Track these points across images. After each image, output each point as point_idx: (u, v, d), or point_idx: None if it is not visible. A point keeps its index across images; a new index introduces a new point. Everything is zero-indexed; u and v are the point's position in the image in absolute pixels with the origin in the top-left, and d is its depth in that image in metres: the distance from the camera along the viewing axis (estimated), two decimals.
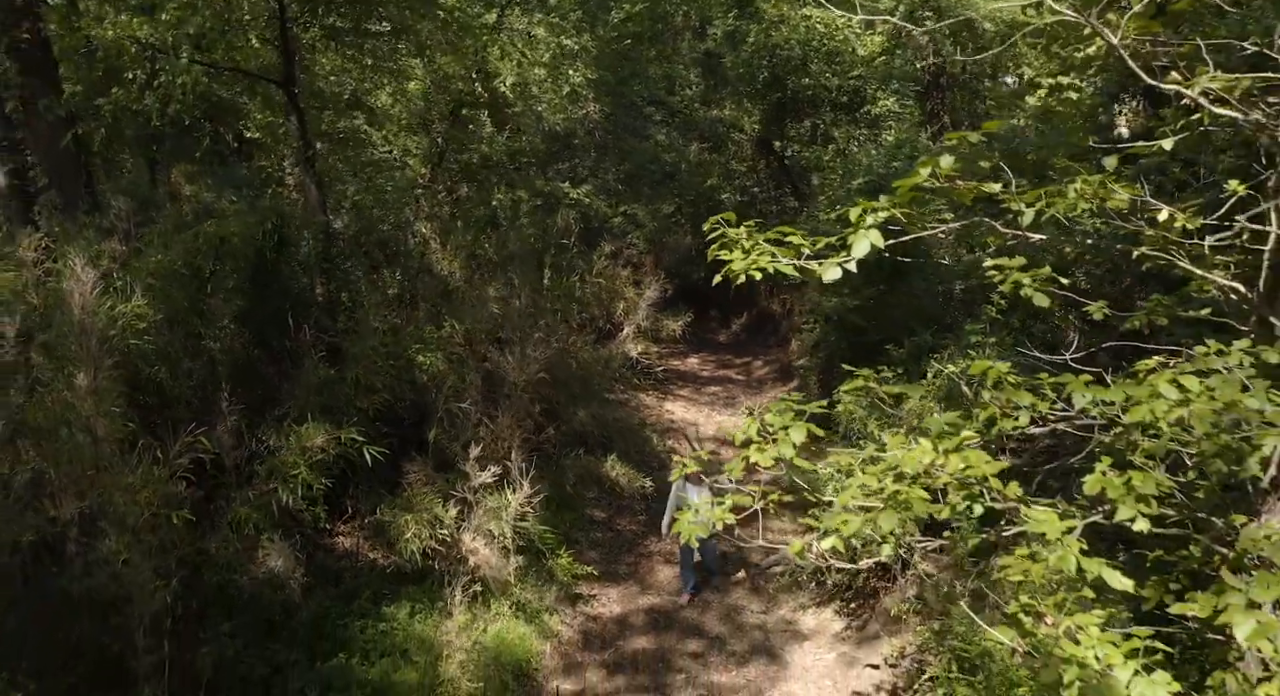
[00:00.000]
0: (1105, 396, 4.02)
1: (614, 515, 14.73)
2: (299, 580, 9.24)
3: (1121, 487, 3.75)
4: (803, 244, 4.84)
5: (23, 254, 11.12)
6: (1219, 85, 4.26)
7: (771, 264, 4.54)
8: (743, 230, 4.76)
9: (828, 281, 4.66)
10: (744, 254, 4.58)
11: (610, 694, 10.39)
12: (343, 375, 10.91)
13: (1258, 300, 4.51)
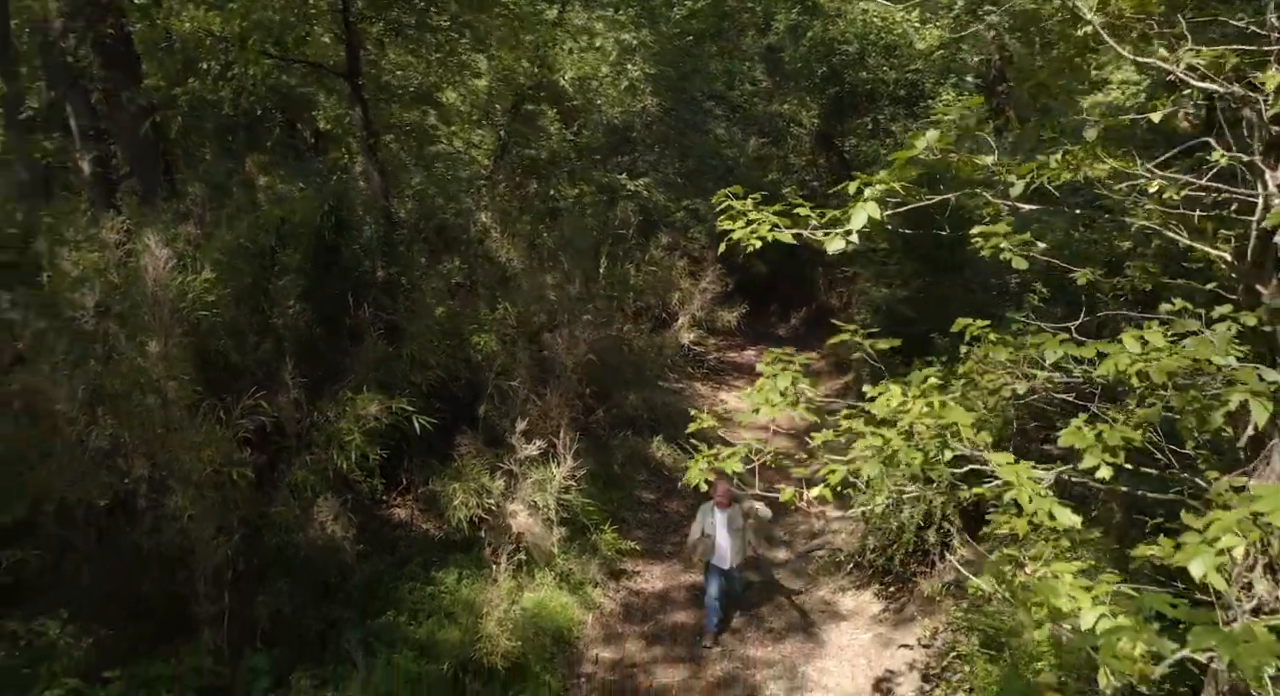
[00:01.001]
0: (1075, 353, 4.26)
1: (662, 497, 15.08)
2: (352, 541, 9.72)
3: (1090, 439, 3.99)
4: (810, 216, 5.13)
5: (105, 236, 11.85)
6: (1204, 60, 4.46)
7: (772, 233, 4.84)
8: (749, 202, 5.07)
9: (832, 252, 4.96)
10: (746, 223, 4.89)
11: (648, 662, 10.75)
12: (399, 352, 11.42)
13: (1245, 268, 4.70)
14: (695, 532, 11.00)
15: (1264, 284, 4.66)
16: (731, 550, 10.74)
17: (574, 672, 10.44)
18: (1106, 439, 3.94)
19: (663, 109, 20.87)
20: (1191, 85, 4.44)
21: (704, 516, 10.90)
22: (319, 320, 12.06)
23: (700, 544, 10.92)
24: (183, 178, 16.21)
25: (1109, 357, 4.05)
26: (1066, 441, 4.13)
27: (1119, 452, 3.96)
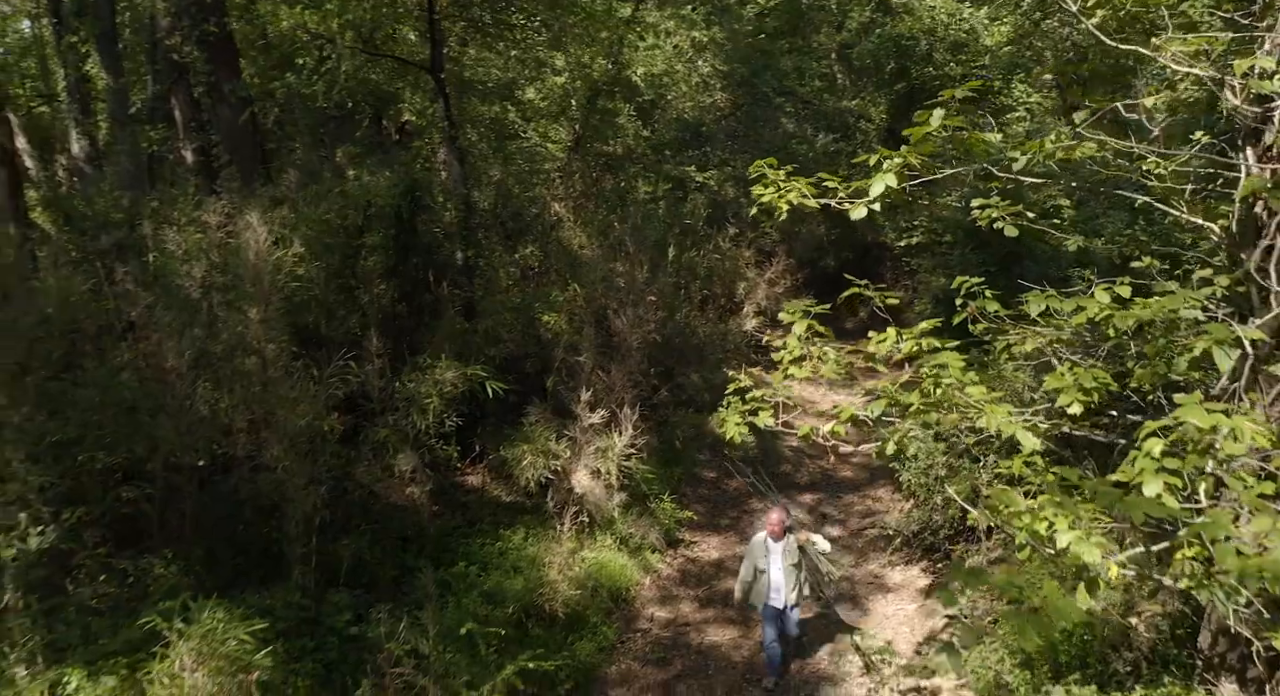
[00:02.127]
0: (1056, 305, 4.80)
1: (722, 476, 15.70)
2: (427, 499, 10.55)
3: (1069, 381, 4.54)
4: (837, 187, 5.75)
5: (207, 218, 12.89)
6: (1190, 48, 4.97)
7: (799, 198, 5.47)
8: (781, 173, 5.70)
9: (855, 220, 5.57)
10: (776, 190, 5.52)
11: (700, 623, 11.40)
12: (475, 327, 12.25)
13: (1227, 238, 5.18)
14: (746, 572, 9.95)
15: (1245, 250, 5.14)
16: (787, 586, 9.72)
17: (630, 627, 11.15)
18: (1081, 380, 4.49)
19: (733, 104, 21.45)
20: (1178, 70, 4.95)
21: (755, 551, 9.86)
22: (400, 298, 12.96)
23: (752, 584, 9.89)
24: (277, 166, 17.31)
25: (1084, 310, 4.59)
26: (1049, 385, 4.68)
27: (1092, 392, 4.50)
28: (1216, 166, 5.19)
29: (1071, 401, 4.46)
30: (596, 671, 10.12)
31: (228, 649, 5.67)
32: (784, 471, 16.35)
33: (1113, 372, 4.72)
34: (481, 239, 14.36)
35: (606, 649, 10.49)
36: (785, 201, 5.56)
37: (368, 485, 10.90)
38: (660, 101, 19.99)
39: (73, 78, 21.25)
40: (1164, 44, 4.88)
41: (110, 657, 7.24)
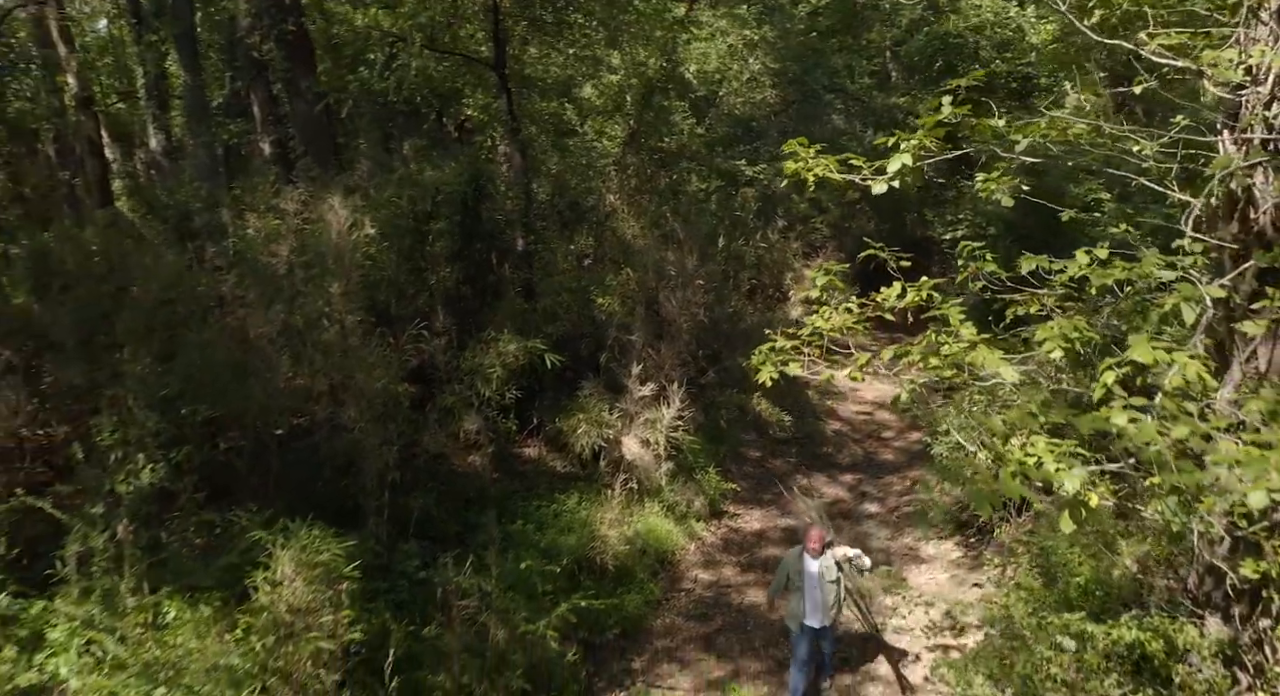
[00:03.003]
0: (1044, 265, 5.47)
1: (766, 455, 16.41)
2: (489, 464, 11.41)
3: (1052, 330, 5.21)
4: (861, 165, 6.47)
5: (285, 205, 13.89)
6: (1174, 42, 5.62)
7: (824, 171, 6.20)
8: (811, 150, 6.44)
9: (876, 194, 6.29)
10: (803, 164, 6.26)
11: (741, 585, 12.13)
12: (534, 307, 13.10)
13: (1209, 212, 5.81)
14: (779, 581, 9.60)
15: (1224, 223, 5.77)
16: (824, 605, 9.29)
17: (674, 587, 11.93)
18: (1063, 329, 5.16)
19: (784, 101, 22.10)
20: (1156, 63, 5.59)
21: (791, 564, 9.46)
22: (464, 280, 13.85)
23: (786, 596, 9.57)
24: (348, 158, 18.34)
25: (1065, 270, 5.26)
26: (1039, 336, 5.36)
27: (1074, 342, 5.17)
28: (1199, 148, 5.82)
29: (1054, 348, 5.13)
30: (642, 623, 10.91)
31: (323, 559, 6.54)
32: (826, 452, 17.03)
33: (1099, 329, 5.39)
34: (540, 227, 15.22)
35: (652, 603, 11.28)
36: (812, 174, 6.29)
37: (434, 450, 11.80)
38: (713, 98, 20.71)
39: (152, 76, 22.55)
40: (1149, 40, 5.53)
41: (205, 590, 8.19)
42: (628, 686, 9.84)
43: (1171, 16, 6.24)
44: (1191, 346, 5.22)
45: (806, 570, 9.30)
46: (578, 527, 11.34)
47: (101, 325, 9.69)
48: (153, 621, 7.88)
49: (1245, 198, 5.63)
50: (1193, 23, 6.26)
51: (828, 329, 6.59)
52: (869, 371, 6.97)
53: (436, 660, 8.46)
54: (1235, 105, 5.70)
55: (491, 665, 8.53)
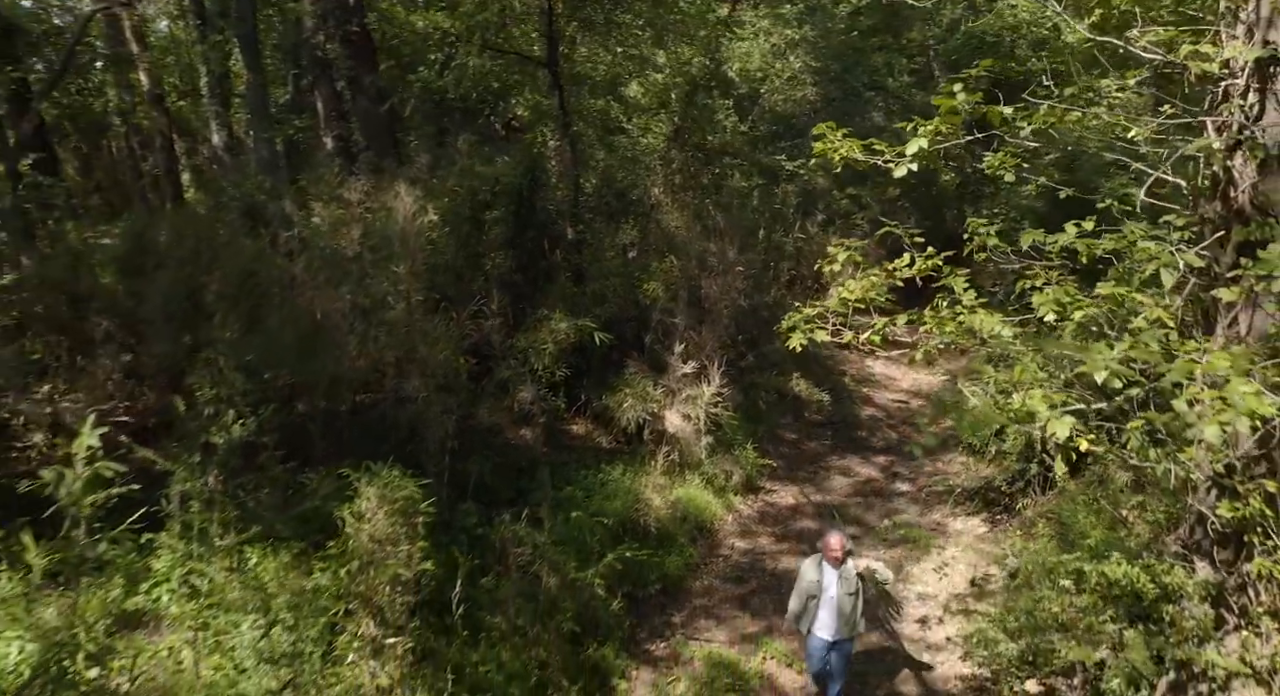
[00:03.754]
0: (1040, 239, 6.16)
1: (802, 438, 17.11)
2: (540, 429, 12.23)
3: (1046, 297, 5.91)
4: (884, 150, 7.20)
5: (348, 195, 14.83)
6: (1164, 38, 6.29)
7: (848, 154, 6.93)
8: (839, 133, 7.19)
9: (897, 176, 7.01)
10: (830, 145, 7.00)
11: (775, 553, 12.86)
12: (583, 290, 13.92)
13: (1193, 192, 6.46)
14: (797, 600, 9.06)
15: (1208, 201, 6.43)
16: (840, 617, 8.84)
17: (712, 553, 12.68)
18: (1055, 294, 5.85)
19: (824, 98, 22.74)
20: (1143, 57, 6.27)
21: (809, 573, 8.97)
22: (517, 266, 14.70)
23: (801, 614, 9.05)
24: (408, 152, 19.29)
25: (1058, 241, 5.94)
26: (1036, 301, 6.05)
27: (1065, 305, 5.86)
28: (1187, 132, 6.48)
29: (1047, 311, 5.82)
30: (682, 583, 11.69)
31: (402, 495, 7.38)
32: (861, 436, 17.68)
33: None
34: (588, 218, 16.05)
35: (691, 566, 12.05)
36: (838, 155, 7.02)
37: (489, 423, 12.65)
38: (756, 96, 21.42)
39: (215, 75, 23.67)
40: (1137, 37, 6.19)
41: (283, 540, 9.09)
42: (668, 637, 10.62)
43: (1169, 17, 6.90)
44: (1174, 310, 5.89)
45: (825, 579, 8.83)
46: (622, 494, 12.13)
47: (190, 299, 10.65)
48: (237, 566, 8.81)
49: (1226, 178, 6.28)
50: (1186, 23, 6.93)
51: (852, 299, 7.29)
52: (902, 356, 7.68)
53: (493, 604, 9.31)
54: (1216, 96, 6.36)
55: (544, 609, 9.36)
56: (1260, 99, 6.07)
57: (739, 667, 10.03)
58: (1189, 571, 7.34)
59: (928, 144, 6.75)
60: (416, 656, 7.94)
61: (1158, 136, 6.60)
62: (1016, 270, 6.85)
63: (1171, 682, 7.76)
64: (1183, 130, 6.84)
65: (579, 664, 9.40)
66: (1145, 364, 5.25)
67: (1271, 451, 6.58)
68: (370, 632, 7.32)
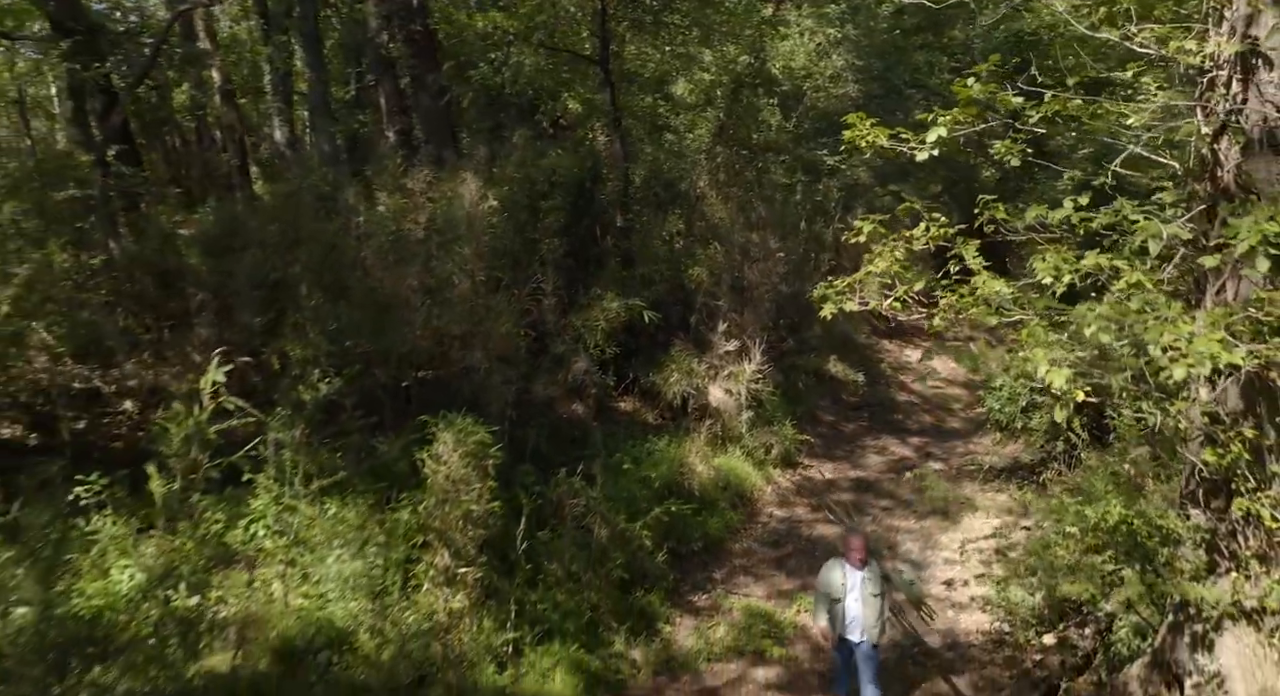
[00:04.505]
0: (1043, 213, 6.95)
1: (839, 420, 17.89)
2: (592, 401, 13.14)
3: (1045, 262, 6.68)
4: (908, 136, 8.00)
5: (411, 185, 15.84)
6: (1160, 33, 7.04)
7: (875, 138, 7.74)
8: (867, 122, 8.00)
9: (920, 160, 7.81)
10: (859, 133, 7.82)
11: (811, 521, 13.67)
12: (632, 274, 14.81)
13: (1184, 171, 7.20)
14: (821, 603, 8.99)
15: (1197, 181, 7.17)
16: (864, 620, 8.73)
17: (751, 519, 13.53)
18: (1053, 260, 6.63)
19: (866, 96, 23.40)
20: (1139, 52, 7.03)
21: (832, 575, 8.90)
22: (571, 251, 15.63)
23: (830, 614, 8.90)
24: (466, 145, 20.31)
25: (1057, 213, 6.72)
26: (1038, 267, 6.83)
27: (1061, 269, 6.63)
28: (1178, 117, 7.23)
29: (1046, 273, 6.59)
30: (722, 544, 12.55)
31: (474, 439, 8.32)
32: (897, 418, 18.42)
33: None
34: (637, 207, 16.95)
35: (731, 530, 12.91)
36: (865, 141, 7.84)
37: (544, 397, 13.58)
38: (799, 93, 22.16)
39: (278, 73, 24.87)
40: (1133, 34, 6.95)
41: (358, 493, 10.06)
42: (709, 590, 11.48)
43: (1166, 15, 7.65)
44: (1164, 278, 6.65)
45: (848, 581, 8.76)
46: (668, 461, 13.02)
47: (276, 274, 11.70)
48: (319, 513, 9.81)
49: (1213, 160, 7.03)
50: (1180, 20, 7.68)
51: (877, 271, 8.09)
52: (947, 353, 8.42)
53: (549, 554, 10.23)
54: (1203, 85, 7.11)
55: (595, 557, 10.28)
56: (1243, 88, 6.81)
57: (775, 617, 10.87)
58: (1184, 518, 8.06)
59: (946, 132, 7.54)
60: (483, 590, 8.88)
61: (1153, 123, 7.34)
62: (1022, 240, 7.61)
63: (1171, 624, 8.50)
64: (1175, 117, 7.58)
65: (627, 607, 10.31)
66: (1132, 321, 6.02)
67: (1255, 406, 7.30)
68: (444, 563, 8.28)
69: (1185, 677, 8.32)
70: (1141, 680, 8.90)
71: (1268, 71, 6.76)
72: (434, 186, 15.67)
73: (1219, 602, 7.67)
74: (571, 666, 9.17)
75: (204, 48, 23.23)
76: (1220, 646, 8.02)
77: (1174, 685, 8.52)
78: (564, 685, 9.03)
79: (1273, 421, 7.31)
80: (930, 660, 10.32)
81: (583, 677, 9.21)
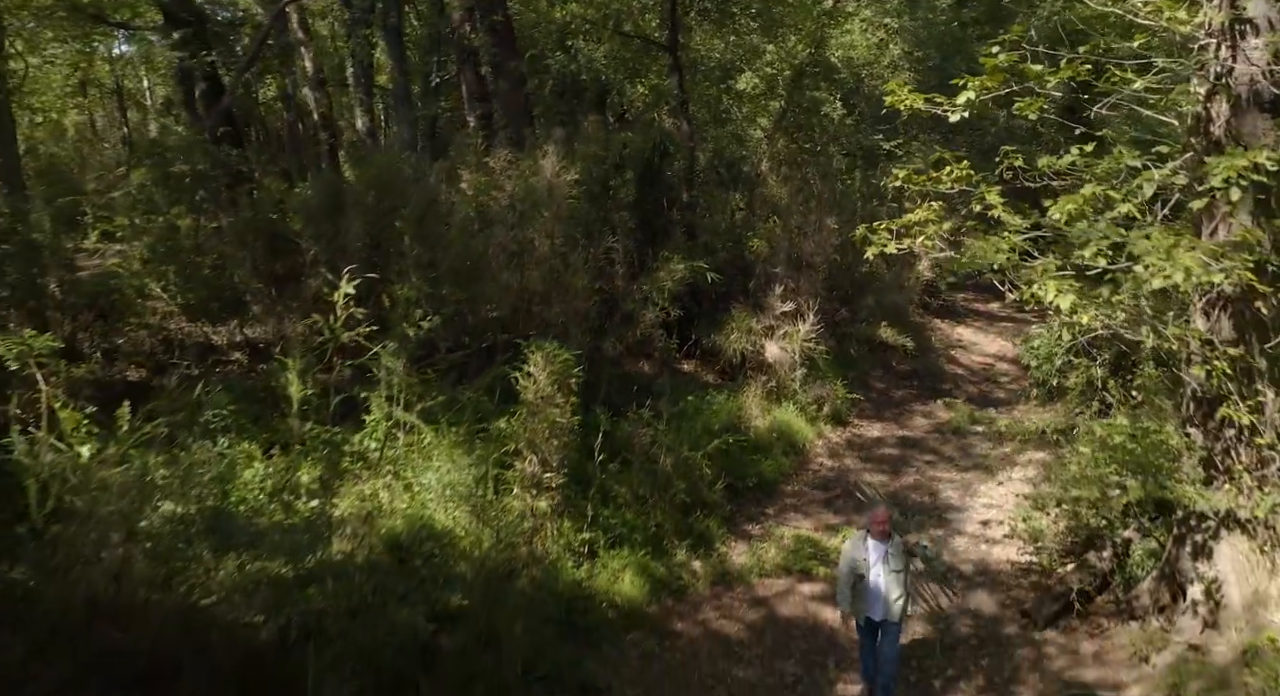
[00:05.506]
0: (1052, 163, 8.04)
1: (889, 387, 18.93)
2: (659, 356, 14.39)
3: (1060, 205, 7.77)
4: (942, 102, 9.14)
5: (493, 164, 17.22)
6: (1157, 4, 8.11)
7: (913, 101, 8.88)
8: (905, 88, 9.15)
9: (952, 121, 8.95)
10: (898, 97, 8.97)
11: (858, 471, 14.78)
12: (696, 243, 16.06)
13: (1184, 130, 8.24)
14: (844, 576, 8.78)
15: (1192, 135, 8.22)
16: (887, 596, 8.59)
17: (802, 467, 14.69)
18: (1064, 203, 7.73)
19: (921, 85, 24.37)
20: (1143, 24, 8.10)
21: (854, 551, 8.74)
22: (639, 223, 16.92)
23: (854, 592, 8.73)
24: (542, 129, 21.70)
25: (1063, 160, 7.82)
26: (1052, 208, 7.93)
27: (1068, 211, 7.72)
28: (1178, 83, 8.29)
29: (1061, 214, 7.68)
30: (775, 485, 13.74)
31: (559, 360, 9.63)
32: (945, 388, 19.39)
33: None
34: (702, 184, 18.20)
35: (784, 474, 14.09)
36: (904, 104, 9.00)
37: (613, 355, 14.87)
38: (857, 81, 23.25)
39: (361, 65, 26.48)
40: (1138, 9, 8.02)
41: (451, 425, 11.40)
42: (760, 521, 12.69)
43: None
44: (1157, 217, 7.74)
45: (870, 556, 8.62)
46: (727, 411, 14.23)
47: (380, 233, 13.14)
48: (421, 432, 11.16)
49: (1206, 117, 8.08)
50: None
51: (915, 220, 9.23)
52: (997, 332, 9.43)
53: (620, 480, 11.51)
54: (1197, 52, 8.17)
55: (660, 482, 11.53)
56: (1231, 54, 7.86)
57: (821, 543, 12.04)
58: (1184, 436, 9.10)
59: (975, 96, 8.67)
60: (564, 497, 10.19)
61: (1154, 87, 8.41)
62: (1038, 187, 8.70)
63: (1175, 537, 9.53)
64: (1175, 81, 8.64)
65: (688, 528, 11.57)
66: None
67: (1245, 334, 8.33)
68: (532, 470, 9.60)
69: (1188, 585, 9.36)
70: (1151, 592, 9.94)
71: (1254, 37, 7.81)
72: (513, 164, 17.05)
73: (1215, 508, 8.69)
74: (639, 570, 10.45)
75: (300, 38, 24.93)
76: (1218, 554, 9.05)
77: (1179, 594, 9.56)
78: (632, 586, 10.31)
79: (1261, 348, 8.34)
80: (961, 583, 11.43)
81: (649, 580, 10.49)
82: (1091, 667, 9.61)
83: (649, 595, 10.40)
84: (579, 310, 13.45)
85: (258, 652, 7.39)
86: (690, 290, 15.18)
